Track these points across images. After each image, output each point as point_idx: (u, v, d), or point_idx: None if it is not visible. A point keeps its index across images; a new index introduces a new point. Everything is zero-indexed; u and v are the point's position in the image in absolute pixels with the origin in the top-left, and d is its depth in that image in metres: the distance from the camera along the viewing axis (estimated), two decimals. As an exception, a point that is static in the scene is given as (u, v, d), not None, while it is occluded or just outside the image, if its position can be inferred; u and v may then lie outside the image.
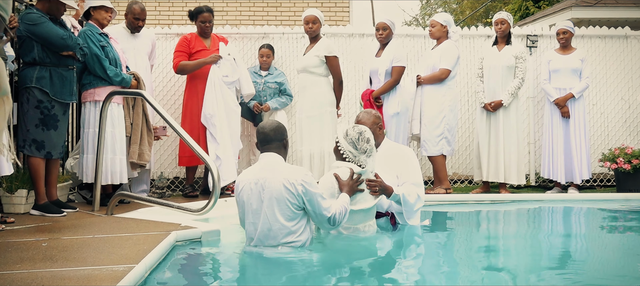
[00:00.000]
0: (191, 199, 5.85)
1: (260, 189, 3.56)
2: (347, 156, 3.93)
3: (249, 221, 3.63)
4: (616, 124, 7.55)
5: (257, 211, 3.57)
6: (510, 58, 6.52)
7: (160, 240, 3.58)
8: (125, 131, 5.38)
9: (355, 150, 3.91)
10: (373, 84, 6.30)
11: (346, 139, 3.93)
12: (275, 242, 3.55)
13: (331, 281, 3.19)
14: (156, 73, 6.78)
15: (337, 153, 4.01)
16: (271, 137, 3.67)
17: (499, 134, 6.54)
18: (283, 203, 3.51)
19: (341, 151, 3.94)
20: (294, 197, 3.50)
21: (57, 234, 3.91)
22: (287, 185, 3.49)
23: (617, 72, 7.57)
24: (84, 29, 5.30)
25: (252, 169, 3.70)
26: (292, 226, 3.55)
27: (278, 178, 3.52)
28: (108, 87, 5.23)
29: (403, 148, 4.60)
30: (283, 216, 3.52)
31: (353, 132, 3.94)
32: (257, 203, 3.57)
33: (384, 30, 6.26)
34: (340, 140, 3.96)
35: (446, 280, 3.22)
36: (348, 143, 3.92)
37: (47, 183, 4.84)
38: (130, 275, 2.76)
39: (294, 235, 3.55)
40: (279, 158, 3.65)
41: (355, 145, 3.91)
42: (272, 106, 6.54)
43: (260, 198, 3.56)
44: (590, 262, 3.71)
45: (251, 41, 7.18)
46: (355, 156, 3.92)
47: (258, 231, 3.58)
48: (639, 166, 6.50)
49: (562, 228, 5.20)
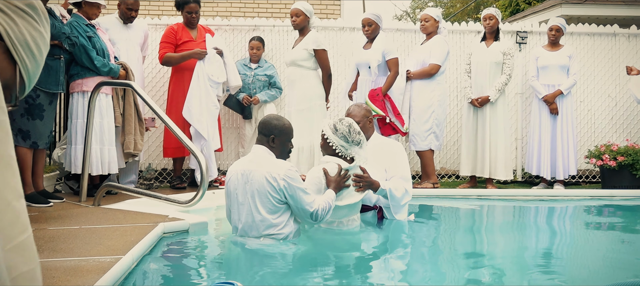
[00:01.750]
0: (179, 191, 5.85)
1: (245, 181, 3.58)
2: (339, 151, 3.90)
3: (234, 211, 3.66)
4: (603, 121, 7.62)
5: (242, 203, 3.60)
6: (498, 54, 6.56)
7: (147, 231, 3.58)
8: (115, 121, 5.35)
9: (347, 143, 3.89)
10: (361, 76, 6.31)
11: (336, 134, 3.90)
12: (258, 233, 3.57)
13: (313, 274, 3.20)
14: (146, 63, 6.74)
15: (326, 149, 3.98)
16: (259, 130, 3.71)
17: (486, 130, 6.58)
18: (265, 196, 3.52)
19: (333, 146, 3.91)
20: (276, 191, 3.51)
21: (43, 225, 3.90)
22: (269, 179, 3.50)
23: (605, 69, 7.63)
24: (71, 20, 5.24)
25: (242, 161, 3.73)
26: (274, 219, 3.56)
27: (261, 171, 3.53)
28: (96, 77, 5.18)
29: (391, 142, 4.61)
30: (265, 209, 3.54)
31: (342, 126, 3.91)
32: (242, 195, 3.59)
33: (370, 26, 6.26)
34: (329, 136, 3.92)
35: (430, 275, 3.25)
36: (339, 137, 3.89)
37: (34, 173, 4.82)
38: (117, 266, 2.76)
39: (275, 228, 3.57)
40: (266, 151, 3.65)
41: (347, 138, 3.89)
42: (261, 98, 6.54)
43: (244, 189, 3.58)
44: (572, 258, 3.75)
45: (242, 33, 7.17)
46: (347, 149, 3.90)
47: (242, 223, 3.61)
48: (624, 163, 6.57)
49: (546, 224, 5.24)
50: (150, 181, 6.39)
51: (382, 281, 3.06)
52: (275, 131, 3.66)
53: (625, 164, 6.57)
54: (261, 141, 3.67)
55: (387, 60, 6.16)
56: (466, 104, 6.78)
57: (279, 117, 3.76)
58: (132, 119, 5.47)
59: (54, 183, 5.61)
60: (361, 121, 4.26)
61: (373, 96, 6.10)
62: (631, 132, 7.52)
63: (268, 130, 3.66)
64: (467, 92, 6.68)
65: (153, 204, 4.71)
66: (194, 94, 5.93)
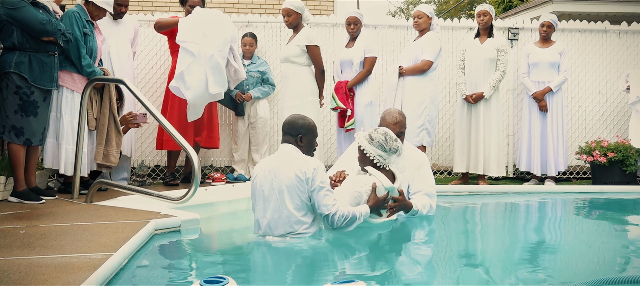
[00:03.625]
0: (172, 188, 5.86)
1: (273, 177, 3.59)
2: (377, 161, 3.82)
3: (259, 208, 3.66)
4: (593, 118, 7.67)
5: (267, 199, 3.61)
6: (492, 51, 6.59)
7: (139, 228, 3.59)
8: (88, 125, 5.18)
9: (384, 152, 3.81)
10: (343, 74, 6.33)
11: (373, 143, 3.82)
12: (283, 231, 3.57)
13: (310, 271, 3.22)
14: (137, 60, 6.75)
15: (364, 161, 3.88)
16: (285, 130, 3.72)
17: (479, 126, 6.62)
18: (293, 192, 3.53)
19: (370, 156, 3.82)
20: (304, 186, 3.52)
21: (35, 222, 3.91)
22: (299, 174, 3.52)
23: (596, 66, 7.68)
24: (73, 9, 5.14)
25: (269, 158, 3.76)
26: (301, 216, 3.56)
27: (291, 167, 3.55)
28: (74, 74, 5.09)
29: (417, 153, 4.50)
30: (292, 205, 3.54)
31: (377, 135, 3.83)
32: (268, 191, 3.60)
33: (356, 25, 6.29)
34: (365, 146, 3.83)
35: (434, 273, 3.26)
36: (376, 146, 3.81)
37: (26, 169, 4.82)
38: (108, 263, 2.78)
39: (302, 226, 3.57)
40: (294, 149, 3.66)
41: (384, 147, 3.81)
42: (254, 95, 6.55)
43: (271, 185, 3.59)
44: (562, 254, 3.78)
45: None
46: (385, 159, 3.81)
47: (268, 219, 3.61)
48: (614, 159, 6.62)
49: (537, 219, 5.27)
50: (143, 177, 6.40)
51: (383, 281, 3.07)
52: (302, 130, 3.69)
53: (615, 160, 6.62)
54: (289, 141, 3.69)
55: (365, 57, 6.19)
56: (459, 100, 6.82)
57: (303, 117, 3.76)
58: (104, 129, 5.28)
59: (46, 180, 5.61)
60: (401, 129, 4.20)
61: (337, 89, 6.19)
62: (621, 129, 7.56)
63: (295, 130, 3.68)
64: (461, 89, 6.71)
65: (145, 201, 4.72)
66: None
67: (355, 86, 6.20)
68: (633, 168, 6.65)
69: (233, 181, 6.36)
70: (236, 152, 6.72)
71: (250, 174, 6.65)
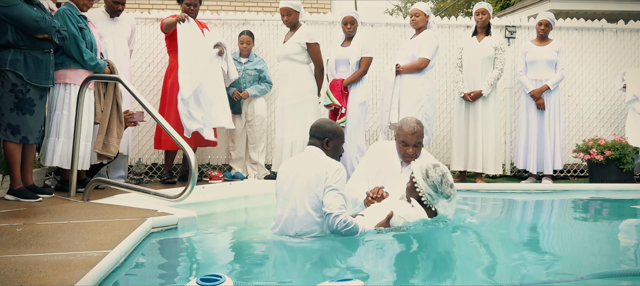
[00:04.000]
0: (169, 186, 5.85)
1: (294, 176, 3.60)
2: (425, 199, 3.72)
3: (279, 205, 3.68)
4: (591, 116, 7.68)
5: (286, 197, 3.62)
6: (490, 49, 6.59)
7: (136, 226, 3.59)
8: (95, 118, 5.26)
9: (435, 193, 3.70)
10: (338, 73, 6.34)
11: (427, 181, 3.70)
12: (298, 230, 3.56)
13: (304, 267, 3.22)
14: (135, 58, 6.74)
15: (411, 192, 3.79)
16: (312, 133, 3.74)
17: (477, 125, 6.62)
18: (312, 192, 3.53)
19: (419, 192, 3.73)
20: (322, 186, 3.51)
21: (32, 220, 3.90)
22: (319, 173, 3.52)
23: (593, 64, 7.69)
24: (63, 8, 5.15)
25: (293, 158, 3.80)
26: (317, 217, 3.55)
27: (312, 168, 3.56)
28: (79, 70, 5.11)
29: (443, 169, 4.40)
30: (310, 205, 3.54)
31: (435, 174, 3.71)
32: (288, 189, 3.62)
33: (352, 24, 6.30)
34: (418, 181, 3.72)
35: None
36: (429, 185, 3.70)
37: (23, 168, 4.81)
38: (105, 260, 2.77)
39: (318, 228, 3.56)
40: (318, 151, 3.67)
41: (436, 188, 3.70)
42: (251, 93, 6.55)
43: (292, 184, 3.60)
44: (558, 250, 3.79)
45: (231, 28, 7.17)
46: (433, 200, 3.71)
47: (284, 218, 3.62)
48: (611, 157, 6.63)
49: (534, 217, 5.28)
50: (140, 175, 6.39)
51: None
52: (329, 134, 3.70)
53: (612, 158, 6.63)
54: (314, 144, 3.71)
55: (361, 56, 6.20)
56: (457, 98, 6.82)
57: (331, 122, 3.79)
58: (107, 119, 5.33)
59: (43, 178, 5.60)
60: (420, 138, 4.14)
61: (333, 86, 6.21)
62: (618, 127, 7.58)
63: (322, 133, 3.70)
64: (459, 87, 6.71)
65: (142, 199, 4.71)
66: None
67: (349, 85, 6.21)
68: (630, 166, 6.66)
69: (230, 180, 6.36)
70: (233, 150, 6.72)
71: (247, 173, 6.65)
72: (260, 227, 4.36)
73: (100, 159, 5.37)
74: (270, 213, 5.32)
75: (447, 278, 3.05)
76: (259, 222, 4.74)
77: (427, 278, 3.03)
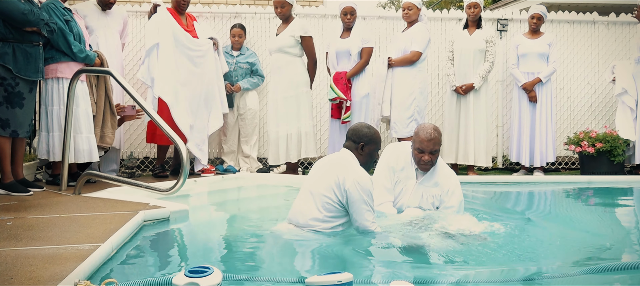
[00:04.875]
0: (161, 179, 5.83)
1: (321, 174, 3.57)
2: None
3: (300, 196, 3.66)
4: (582, 108, 7.71)
5: (307, 191, 3.59)
6: (481, 42, 6.60)
7: (127, 219, 3.58)
8: (91, 109, 5.26)
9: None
10: (339, 65, 6.32)
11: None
12: (303, 222, 3.54)
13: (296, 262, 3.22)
14: (126, 51, 6.70)
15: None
16: (348, 135, 3.66)
17: (469, 117, 6.64)
18: (329, 192, 3.47)
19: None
20: (341, 193, 3.45)
21: (22, 214, 3.88)
22: (340, 180, 3.44)
23: (585, 57, 7.72)
24: (47, 2, 5.11)
25: (328, 156, 3.76)
26: (325, 216, 3.50)
27: (338, 171, 3.50)
28: (70, 63, 5.07)
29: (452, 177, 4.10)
30: (321, 203, 3.49)
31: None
32: (310, 184, 3.59)
33: (352, 15, 6.28)
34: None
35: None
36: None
37: (13, 161, 4.78)
38: (96, 254, 2.77)
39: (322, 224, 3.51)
40: (350, 156, 3.59)
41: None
42: (243, 86, 6.53)
43: (316, 180, 3.57)
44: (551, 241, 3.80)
45: (223, 20, 7.14)
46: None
47: (299, 207, 3.60)
48: (602, 150, 6.66)
49: (526, 209, 5.30)
50: (132, 169, 6.37)
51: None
52: (365, 139, 3.61)
53: (603, 150, 6.66)
54: (350, 147, 3.63)
55: (362, 47, 6.18)
56: (448, 91, 6.83)
57: (369, 126, 3.69)
58: (101, 111, 5.35)
59: (34, 171, 5.57)
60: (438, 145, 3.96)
61: (337, 79, 6.17)
62: (609, 120, 7.61)
63: (358, 137, 3.61)
64: (451, 80, 6.72)
65: (134, 192, 4.70)
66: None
67: (352, 77, 6.19)
68: (621, 158, 6.69)
69: (222, 173, 6.35)
70: (225, 143, 6.71)
71: (239, 166, 6.65)
72: (253, 220, 4.37)
73: (98, 151, 5.39)
74: (262, 205, 5.36)
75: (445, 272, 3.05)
76: (251, 215, 4.74)
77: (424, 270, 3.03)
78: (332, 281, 2.29)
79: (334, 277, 2.30)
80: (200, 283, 2.17)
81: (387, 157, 4.14)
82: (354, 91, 6.19)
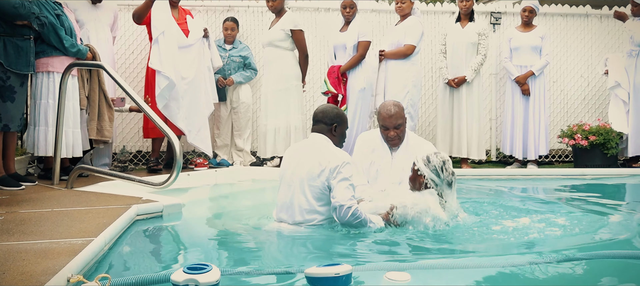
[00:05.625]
0: (155, 173, 5.80)
1: (296, 164, 3.54)
2: (430, 185, 3.69)
3: (281, 192, 3.62)
4: (575, 101, 7.73)
5: (289, 184, 3.56)
6: (474, 35, 6.60)
7: (120, 213, 3.56)
8: (79, 104, 5.21)
9: (438, 178, 3.66)
10: (337, 59, 6.29)
11: (429, 166, 3.68)
12: (299, 218, 3.51)
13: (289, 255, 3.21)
14: (118, 45, 6.65)
15: (414, 182, 3.74)
16: (319, 118, 3.63)
17: (461, 110, 6.64)
18: (314, 181, 3.46)
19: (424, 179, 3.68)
20: (326, 175, 3.43)
21: (14, 208, 3.85)
22: (323, 163, 3.44)
23: (578, 50, 7.73)
24: None
25: (300, 144, 3.74)
26: (319, 206, 3.50)
27: (316, 156, 3.49)
28: (62, 57, 5.02)
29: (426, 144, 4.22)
30: (311, 194, 3.48)
31: (436, 159, 3.68)
32: (290, 176, 3.55)
33: (351, 8, 6.24)
34: (420, 167, 3.69)
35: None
36: (431, 170, 3.67)
37: (5, 156, 4.74)
38: (89, 248, 2.74)
39: (317, 216, 3.51)
40: (325, 140, 3.58)
41: (438, 175, 3.66)
42: (236, 79, 6.50)
43: (294, 171, 3.54)
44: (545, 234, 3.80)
45: (216, 14, 7.10)
46: (438, 185, 3.67)
47: (286, 205, 3.56)
48: (595, 143, 6.67)
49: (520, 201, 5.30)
50: (125, 163, 6.34)
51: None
52: (337, 120, 3.62)
53: (596, 143, 6.68)
54: (321, 130, 3.61)
55: (358, 40, 6.16)
56: (442, 84, 6.83)
57: (334, 107, 3.72)
58: (96, 105, 5.33)
59: (25, 165, 5.53)
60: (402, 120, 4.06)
61: (330, 73, 6.15)
62: (603, 113, 7.62)
63: (330, 119, 3.61)
64: (444, 73, 6.72)
65: (127, 186, 4.67)
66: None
67: (348, 71, 6.16)
68: (614, 151, 6.72)
69: (216, 167, 6.32)
70: (219, 137, 6.68)
71: (233, 159, 6.62)
72: (246, 214, 4.35)
73: (97, 144, 5.41)
74: (255, 199, 5.34)
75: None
76: (245, 209, 4.73)
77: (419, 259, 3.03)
78: (330, 274, 2.29)
79: (333, 269, 2.30)
80: (200, 280, 2.15)
81: (359, 145, 4.26)
82: (350, 85, 6.15)
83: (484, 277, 2.67)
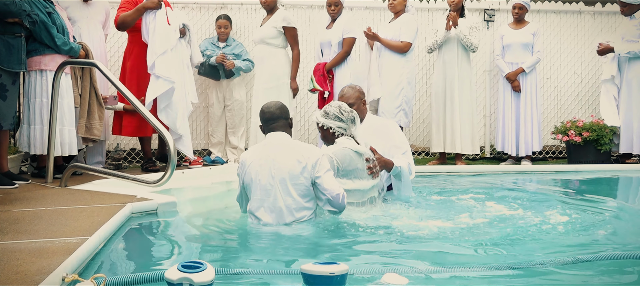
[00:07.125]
0: (152, 173, 5.75)
1: (271, 166, 3.51)
2: (337, 132, 3.84)
3: (256, 198, 3.55)
4: (569, 98, 7.75)
5: (266, 188, 3.52)
6: (465, 30, 6.62)
7: (115, 211, 3.54)
8: (74, 102, 5.18)
9: (342, 122, 3.83)
10: (324, 56, 6.29)
11: (329, 116, 3.84)
12: (289, 219, 3.50)
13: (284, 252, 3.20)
14: (110, 43, 6.62)
15: (326, 138, 3.90)
16: (278, 115, 3.63)
17: (455, 106, 6.66)
18: (297, 179, 3.48)
19: (330, 129, 3.84)
20: (308, 173, 3.47)
21: (8, 207, 3.82)
22: (302, 160, 3.47)
23: (571, 46, 7.75)
24: None
25: (259, 147, 3.67)
26: (306, 203, 3.52)
27: (292, 155, 3.50)
28: (54, 55, 4.98)
29: (384, 121, 4.50)
30: (297, 192, 3.49)
31: (331, 108, 3.86)
32: (267, 180, 3.51)
33: (336, 6, 6.23)
34: (322, 121, 3.85)
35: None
36: (332, 118, 3.83)
37: (-3, 154, 4.71)
38: (84, 247, 2.72)
39: (309, 212, 3.54)
40: (288, 137, 3.63)
41: (340, 118, 3.83)
42: (237, 64, 6.41)
43: (270, 174, 3.50)
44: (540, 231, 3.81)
45: (209, 11, 7.08)
46: (346, 128, 3.84)
47: (270, 210, 3.51)
48: (589, 139, 6.70)
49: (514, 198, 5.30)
50: (119, 161, 6.31)
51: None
52: (288, 113, 3.71)
53: (590, 139, 6.70)
54: (282, 126, 3.63)
55: (343, 37, 6.14)
56: (435, 80, 6.85)
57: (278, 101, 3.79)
58: (86, 103, 5.29)
59: (18, 164, 5.50)
60: (355, 102, 4.19)
61: (315, 71, 6.16)
62: (596, 109, 7.64)
63: (286, 113, 3.68)
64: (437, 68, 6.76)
65: (121, 184, 4.65)
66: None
67: (335, 68, 6.15)
68: (607, 147, 6.74)
69: (210, 164, 6.31)
70: (213, 135, 6.66)
71: (227, 157, 6.61)
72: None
73: (86, 143, 5.36)
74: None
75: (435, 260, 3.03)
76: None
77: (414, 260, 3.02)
78: (325, 272, 2.26)
79: (328, 268, 2.27)
80: (194, 278, 2.13)
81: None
82: (337, 82, 6.13)
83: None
